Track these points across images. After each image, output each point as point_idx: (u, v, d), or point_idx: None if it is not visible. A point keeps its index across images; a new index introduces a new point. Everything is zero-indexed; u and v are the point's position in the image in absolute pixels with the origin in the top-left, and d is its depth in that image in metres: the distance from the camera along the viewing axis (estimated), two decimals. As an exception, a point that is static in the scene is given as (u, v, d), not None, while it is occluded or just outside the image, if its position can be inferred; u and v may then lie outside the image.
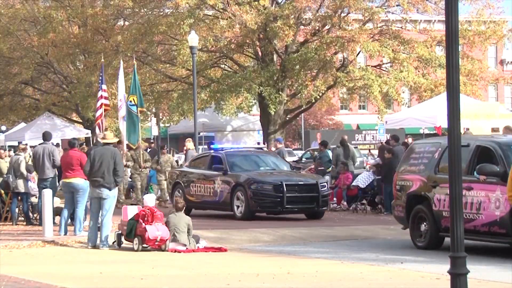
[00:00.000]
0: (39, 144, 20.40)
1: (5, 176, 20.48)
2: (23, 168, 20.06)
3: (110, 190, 15.91)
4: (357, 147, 35.12)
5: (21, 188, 20.13)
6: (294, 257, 14.61)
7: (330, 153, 26.09)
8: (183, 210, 16.07)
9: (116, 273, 12.67)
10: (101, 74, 24.54)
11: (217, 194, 21.03)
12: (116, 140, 17.08)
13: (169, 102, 39.39)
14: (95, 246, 15.81)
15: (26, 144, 25.37)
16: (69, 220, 17.78)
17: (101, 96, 23.18)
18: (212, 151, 23.18)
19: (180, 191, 22.11)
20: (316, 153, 38.42)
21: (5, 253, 14.95)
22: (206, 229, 17.84)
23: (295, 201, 20.48)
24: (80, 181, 17.41)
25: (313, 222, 20.23)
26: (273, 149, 27.53)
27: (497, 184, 13.27)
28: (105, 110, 23.37)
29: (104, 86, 23.46)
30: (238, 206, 20.57)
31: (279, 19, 30.65)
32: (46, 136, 20.13)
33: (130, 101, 22.59)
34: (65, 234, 17.26)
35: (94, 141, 20.31)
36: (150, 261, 13.86)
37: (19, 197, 20.42)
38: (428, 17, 35.65)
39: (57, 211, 18.19)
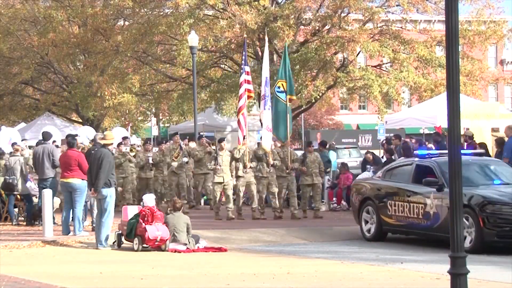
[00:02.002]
0: (39, 144, 20.39)
1: (7, 177, 20.44)
2: (25, 171, 20.05)
3: (103, 190, 15.87)
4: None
5: (22, 189, 20.13)
6: (294, 257, 14.61)
7: (333, 153, 26.22)
8: (181, 210, 16.07)
9: (116, 273, 12.67)
10: (243, 52, 21.33)
11: (430, 216, 15.89)
12: (113, 140, 16.86)
13: (169, 102, 39.44)
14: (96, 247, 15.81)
15: (19, 145, 25.13)
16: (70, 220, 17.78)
17: (244, 80, 20.13)
18: (416, 158, 17.42)
19: (371, 209, 17.27)
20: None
21: (5, 253, 14.95)
22: (206, 229, 17.84)
23: None
24: (78, 181, 17.41)
25: (313, 222, 20.23)
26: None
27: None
28: (248, 97, 20.44)
29: (247, 68, 20.40)
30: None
31: (279, 19, 30.64)
32: (46, 136, 20.14)
33: (278, 87, 19.93)
34: (67, 233, 17.26)
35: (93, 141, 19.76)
36: (150, 261, 13.86)
37: (19, 198, 20.41)
38: (428, 17, 35.64)
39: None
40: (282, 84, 19.74)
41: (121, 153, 23.44)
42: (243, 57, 20.71)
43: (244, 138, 20.30)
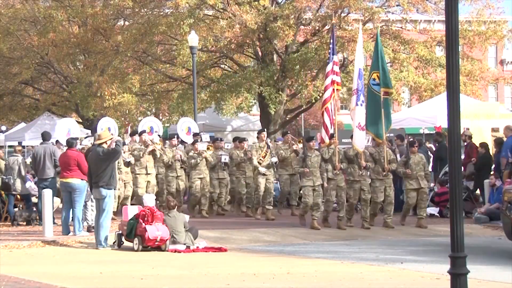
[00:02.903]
0: (39, 144, 20.40)
1: (4, 177, 20.47)
2: (23, 171, 20.06)
3: (102, 190, 15.87)
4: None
5: (19, 190, 20.14)
6: (294, 257, 14.61)
7: None
8: (175, 208, 16.05)
9: (116, 273, 12.67)
10: (331, 39, 19.30)
11: None
12: (107, 139, 16.47)
13: (169, 102, 39.39)
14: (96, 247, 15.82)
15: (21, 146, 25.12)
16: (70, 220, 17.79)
17: (332, 71, 18.42)
18: None
19: None
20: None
21: (5, 253, 14.95)
22: (206, 229, 17.83)
23: None
24: (77, 181, 17.42)
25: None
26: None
27: None
28: (336, 90, 18.56)
29: (335, 58, 18.49)
30: None
31: (279, 19, 30.64)
32: (46, 136, 20.16)
33: (373, 79, 18.28)
34: (67, 233, 17.27)
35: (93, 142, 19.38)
36: (150, 261, 13.86)
37: (18, 198, 20.42)
38: (428, 17, 35.63)
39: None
40: (377, 76, 18.10)
41: (197, 152, 21.06)
42: (331, 45, 18.77)
43: (331, 137, 18.46)
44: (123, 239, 15.84)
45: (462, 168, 19.40)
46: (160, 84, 37.72)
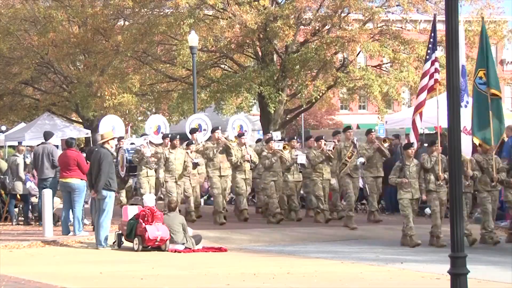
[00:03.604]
0: (39, 144, 20.41)
1: (1, 177, 20.48)
2: (21, 172, 20.06)
3: (102, 191, 15.86)
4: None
5: (19, 190, 20.15)
6: (294, 257, 14.61)
7: None
8: (176, 210, 16.05)
9: (116, 273, 12.67)
10: (431, 34, 17.10)
11: None
12: (109, 138, 16.46)
13: (169, 102, 39.38)
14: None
15: (23, 145, 24.95)
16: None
17: (434, 69, 16.58)
18: None
19: None
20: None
21: (5, 253, 14.96)
22: (206, 229, 17.83)
23: None
24: (77, 181, 17.44)
25: (313, 222, 20.22)
26: None
27: None
28: (431, 89, 16.87)
29: (436, 54, 16.59)
30: None
31: (279, 19, 30.62)
32: (46, 136, 20.20)
33: (480, 78, 16.49)
34: (68, 233, 17.27)
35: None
36: (150, 261, 13.86)
37: (19, 198, 20.43)
38: (428, 17, 35.57)
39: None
40: (483, 74, 16.33)
41: (271, 151, 19.63)
42: (431, 40, 16.85)
43: (433, 144, 16.78)
44: (123, 239, 15.84)
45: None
46: (160, 84, 37.71)
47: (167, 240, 15.36)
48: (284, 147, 19.79)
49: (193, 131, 21.43)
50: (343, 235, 17.89)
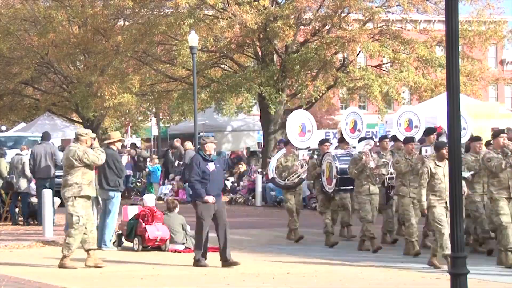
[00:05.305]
0: (39, 144, 20.40)
1: (7, 176, 20.48)
2: (27, 171, 20.07)
3: (109, 192, 15.87)
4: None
5: (23, 188, 20.16)
6: (294, 257, 14.60)
7: None
8: (175, 210, 16.04)
9: (116, 273, 12.67)
10: None
11: None
12: (115, 140, 16.50)
13: (169, 102, 39.42)
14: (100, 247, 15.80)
15: (25, 145, 25.03)
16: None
17: None
18: None
19: None
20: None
21: (5, 253, 14.95)
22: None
23: None
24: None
25: (313, 222, 20.21)
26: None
27: None
28: None
29: None
30: None
31: (279, 19, 30.63)
32: (46, 136, 20.20)
33: None
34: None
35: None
36: (150, 261, 13.85)
37: (19, 197, 20.44)
38: (428, 17, 35.61)
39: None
40: None
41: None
42: None
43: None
44: (123, 239, 15.84)
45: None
46: (160, 84, 37.73)
47: (167, 240, 15.35)
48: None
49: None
50: (343, 235, 17.87)
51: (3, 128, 45.80)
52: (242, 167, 30.90)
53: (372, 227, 15.24)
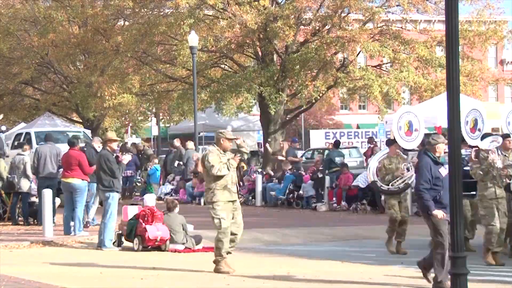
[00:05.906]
0: (42, 144, 20.41)
1: (8, 176, 20.48)
2: (29, 171, 20.08)
3: (106, 192, 15.87)
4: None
5: (25, 188, 20.16)
6: (294, 257, 14.60)
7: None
8: (175, 210, 16.04)
9: (116, 273, 12.67)
10: None
11: None
12: (112, 140, 16.41)
13: (169, 102, 39.44)
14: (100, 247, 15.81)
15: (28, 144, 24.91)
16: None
17: None
18: None
19: None
20: (316, 152, 38.49)
21: (5, 253, 14.95)
22: (206, 229, 17.81)
23: None
24: (78, 181, 17.43)
25: (313, 222, 20.23)
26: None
27: None
28: None
29: None
30: None
31: (279, 19, 30.64)
32: (50, 137, 20.29)
33: None
34: (68, 233, 17.28)
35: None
36: (150, 261, 13.85)
37: (20, 197, 20.43)
38: (428, 17, 35.63)
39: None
40: None
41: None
42: None
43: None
44: (123, 239, 15.84)
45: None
46: (160, 84, 37.75)
47: (167, 240, 15.36)
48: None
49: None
50: (343, 235, 17.88)
51: (3, 128, 45.85)
52: (242, 167, 30.89)
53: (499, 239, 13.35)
